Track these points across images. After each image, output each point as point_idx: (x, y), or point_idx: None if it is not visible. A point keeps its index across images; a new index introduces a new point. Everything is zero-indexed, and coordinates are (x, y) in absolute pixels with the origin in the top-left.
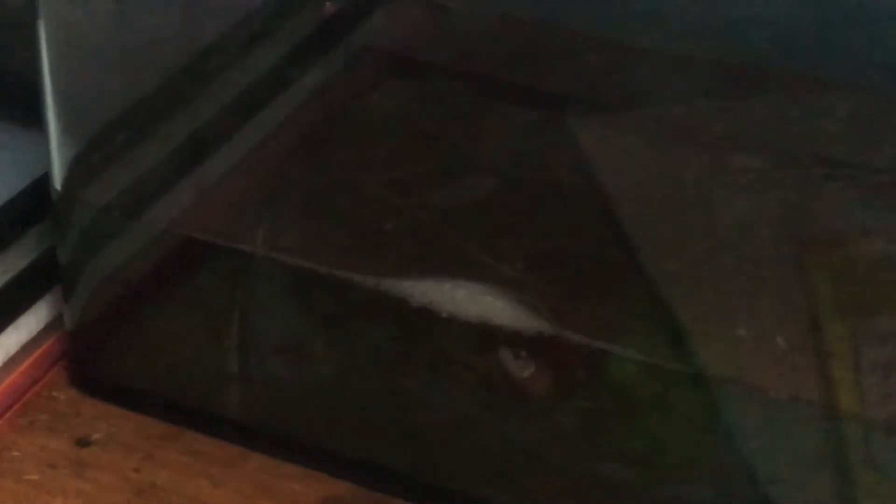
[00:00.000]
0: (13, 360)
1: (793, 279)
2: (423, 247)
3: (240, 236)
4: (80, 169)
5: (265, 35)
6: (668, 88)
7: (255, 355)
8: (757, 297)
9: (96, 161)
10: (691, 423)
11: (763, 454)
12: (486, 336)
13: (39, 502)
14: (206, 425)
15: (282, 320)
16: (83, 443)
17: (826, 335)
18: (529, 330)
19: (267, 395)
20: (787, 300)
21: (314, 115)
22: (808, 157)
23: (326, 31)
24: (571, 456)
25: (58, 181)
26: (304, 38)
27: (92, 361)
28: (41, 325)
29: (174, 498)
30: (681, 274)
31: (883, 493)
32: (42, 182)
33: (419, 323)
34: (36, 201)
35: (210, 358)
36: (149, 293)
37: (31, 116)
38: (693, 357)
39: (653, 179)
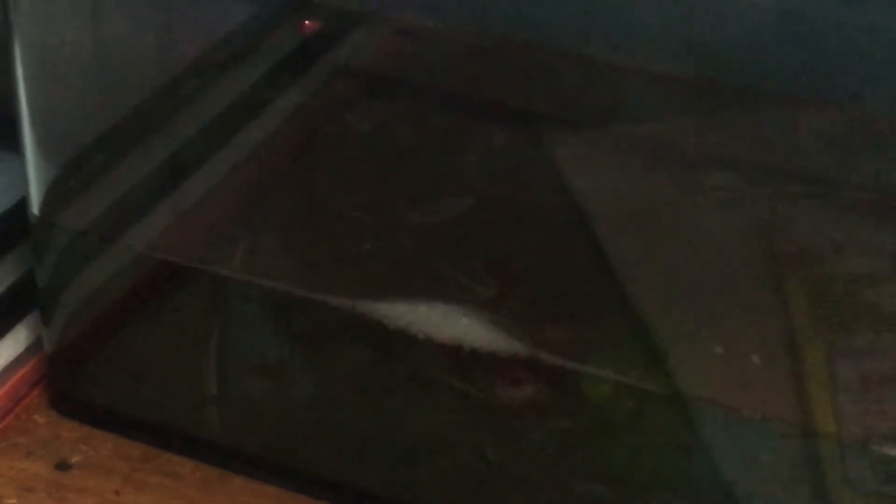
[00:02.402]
0: None
1: (768, 297)
2: (400, 268)
3: (217, 259)
4: (57, 193)
5: (243, 56)
6: (643, 106)
7: (234, 377)
8: (732, 316)
9: (74, 185)
10: (667, 443)
11: (739, 473)
12: (463, 357)
13: None
14: (185, 447)
15: (260, 342)
16: (63, 466)
17: (802, 353)
18: (505, 351)
19: (245, 417)
20: (762, 318)
21: (291, 135)
22: (782, 174)
23: (304, 52)
24: (548, 475)
25: (35, 205)
26: (281, 59)
27: (71, 384)
28: (20, 349)
29: None
30: (656, 292)
31: None
32: (20, 206)
33: (396, 345)
34: (14, 225)
35: (189, 380)
36: (127, 316)
37: (8, 140)
38: (669, 377)
39: (628, 197)
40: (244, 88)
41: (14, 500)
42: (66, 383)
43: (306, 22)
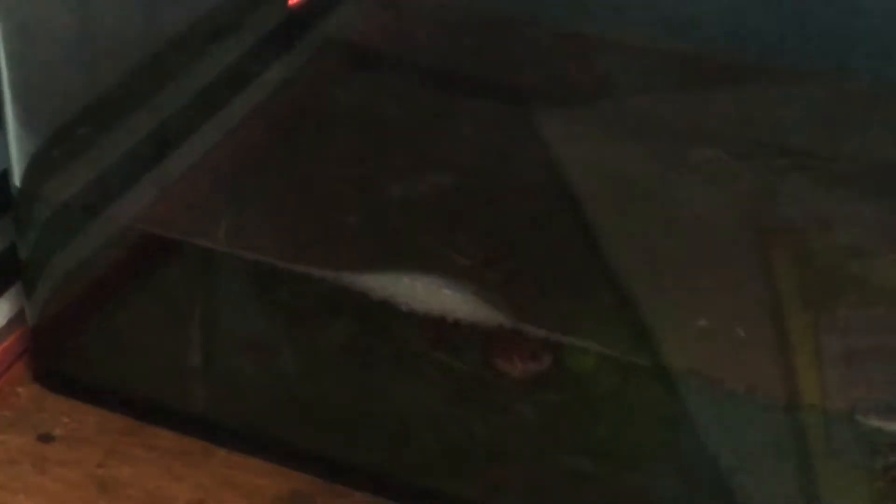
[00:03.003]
0: None
1: (754, 270)
2: (384, 240)
3: (202, 232)
4: (40, 165)
5: (228, 30)
6: (631, 81)
7: (218, 350)
8: (718, 289)
9: (57, 157)
10: (651, 415)
11: (723, 445)
12: (446, 329)
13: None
14: (169, 420)
15: (244, 315)
16: (46, 438)
17: (787, 326)
18: (488, 323)
19: (229, 390)
20: (747, 291)
21: (277, 109)
22: (770, 147)
23: (290, 26)
24: (532, 448)
25: (17, 177)
26: (267, 33)
27: (54, 357)
28: (2, 322)
29: (138, 493)
30: (642, 266)
31: (843, 482)
32: (2, 178)
33: (380, 317)
34: None
35: (172, 353)
36: (111, 289)
37: None
38: (653, 349)
39: (614, 172)
40: (230, 62)
41: None
42: (49, 356)
43: None
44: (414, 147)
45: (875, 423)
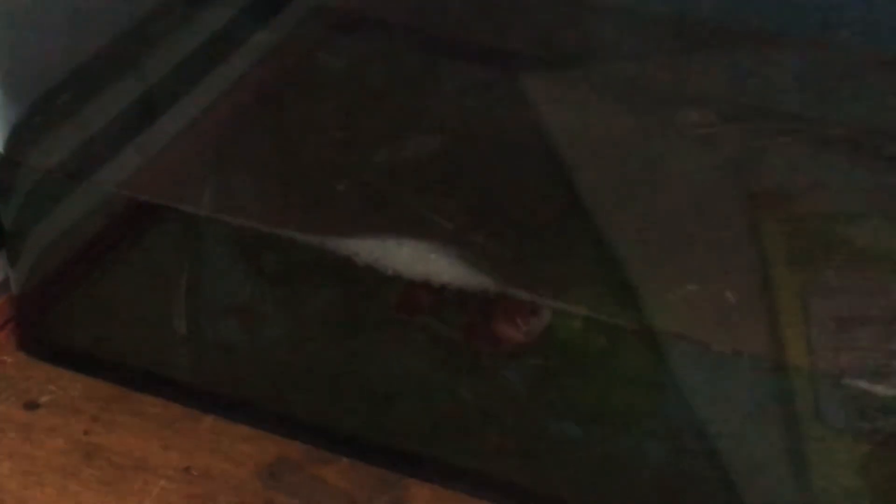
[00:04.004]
0: None
1: (743, 234)
2: (370, 205)
3: (187, 198)
4: (23, 132)
5: None
6: (618, 45)
7: (204, 316)
8: (707, 253)
9: (41, 124)
10: (638, 378)
11: (711, 408)
12: (432, 293)
13: None
14: (155, 387)
15: (229, 282)
16: (31, 406)
17: (776, 290)
18: (474, 287)
19: (215, 357)
20: (737, 255)
21: (264, 75)
22: (758, 111)
23: None
24: (519, 412)
25: (0, 145)
26: None
27: (40, 324)
28: None
29: (124, 460)
30: (630, 230)
31: (830, 445)
32: None
33: (365, 281)
34: None
35: (158, 319)
36: (96, 256)
37: None
38: (640, 312)
39: (602, 135)
40: (217, 28)
41: None
42: (34, 324)
43: None
44: (400, 111)
45: (863, 386)
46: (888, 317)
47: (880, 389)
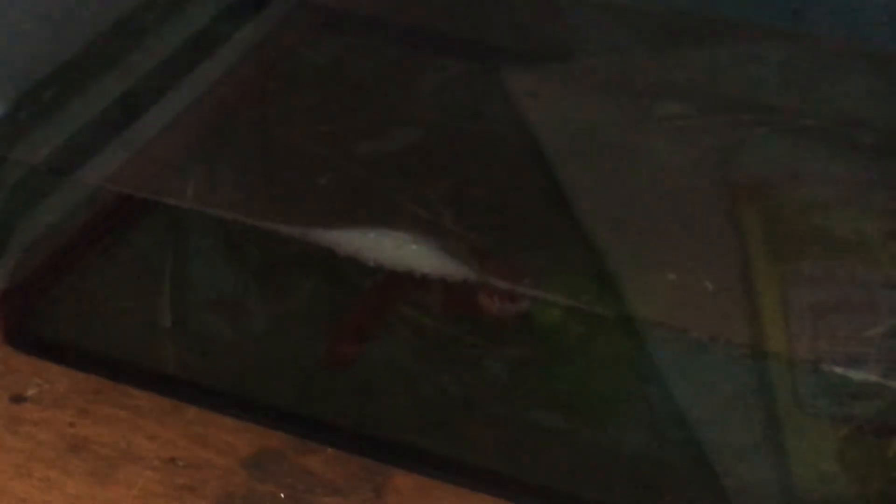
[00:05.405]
0: None
1: (722, 224)
2: (352, 197)
3: (171, 191)
4: (9, 127)
5: None
6: (599, 37)
7: (188, 308)
8: (686, 243)
9: (26, 119)
10: (618, 367)
11: (690, 396)
12: (413, 283)
13: None
14: (140, 379)
15: (212, 274)
16: (18, 399)
17: (755, 279)
18: (455, 277)
19: (200, 348)
20: (716, 245)
21: (248, 70)
22: (736, 103)
23: None
24: (500, 402)
25: None
26: None
27: (26, 318)
28: None
29: (110, 452)
30: (609, 220)
31: (809, 431)
32: None
33: (347, 272)
34: None
35: (143, 312)
36: (81, 249)
37: None
38: (620, 302)
39: (582, 127)
40: (202, 23)
41: None
42: (20, 317)
43: None
44: (383, 105)
45: (841, 371)
46: (865, 305)
47: (859, 375)
